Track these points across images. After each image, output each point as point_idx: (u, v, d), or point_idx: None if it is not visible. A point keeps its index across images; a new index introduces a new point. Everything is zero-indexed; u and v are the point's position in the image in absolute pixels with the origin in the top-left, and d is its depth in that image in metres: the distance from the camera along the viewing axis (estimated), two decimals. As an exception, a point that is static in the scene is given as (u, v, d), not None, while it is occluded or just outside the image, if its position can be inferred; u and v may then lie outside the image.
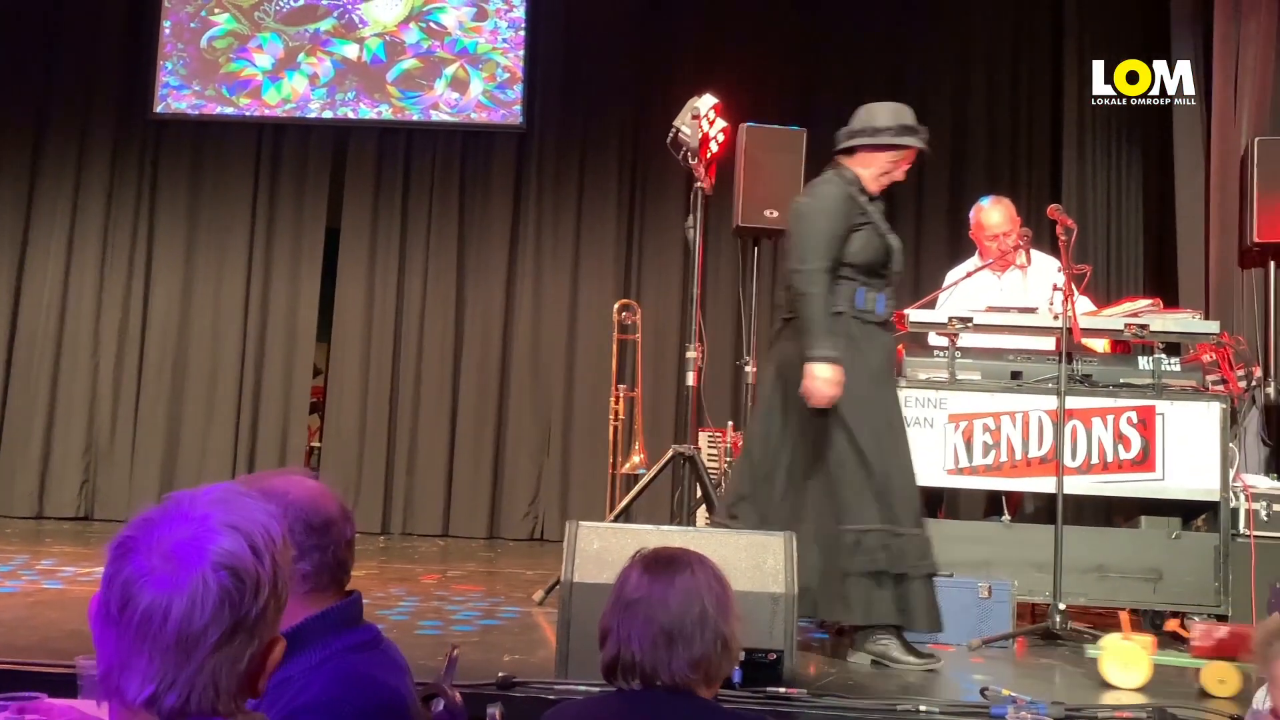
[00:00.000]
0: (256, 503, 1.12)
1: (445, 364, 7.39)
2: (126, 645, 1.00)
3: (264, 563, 1.07)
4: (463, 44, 7.55)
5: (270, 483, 1.75)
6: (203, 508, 1.08)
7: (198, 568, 1.01)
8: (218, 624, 1.01)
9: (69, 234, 7.49)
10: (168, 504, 1.08)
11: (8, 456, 7.31)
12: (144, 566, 1.01)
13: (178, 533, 1.04)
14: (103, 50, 7.59)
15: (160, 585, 0.99)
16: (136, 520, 1.07)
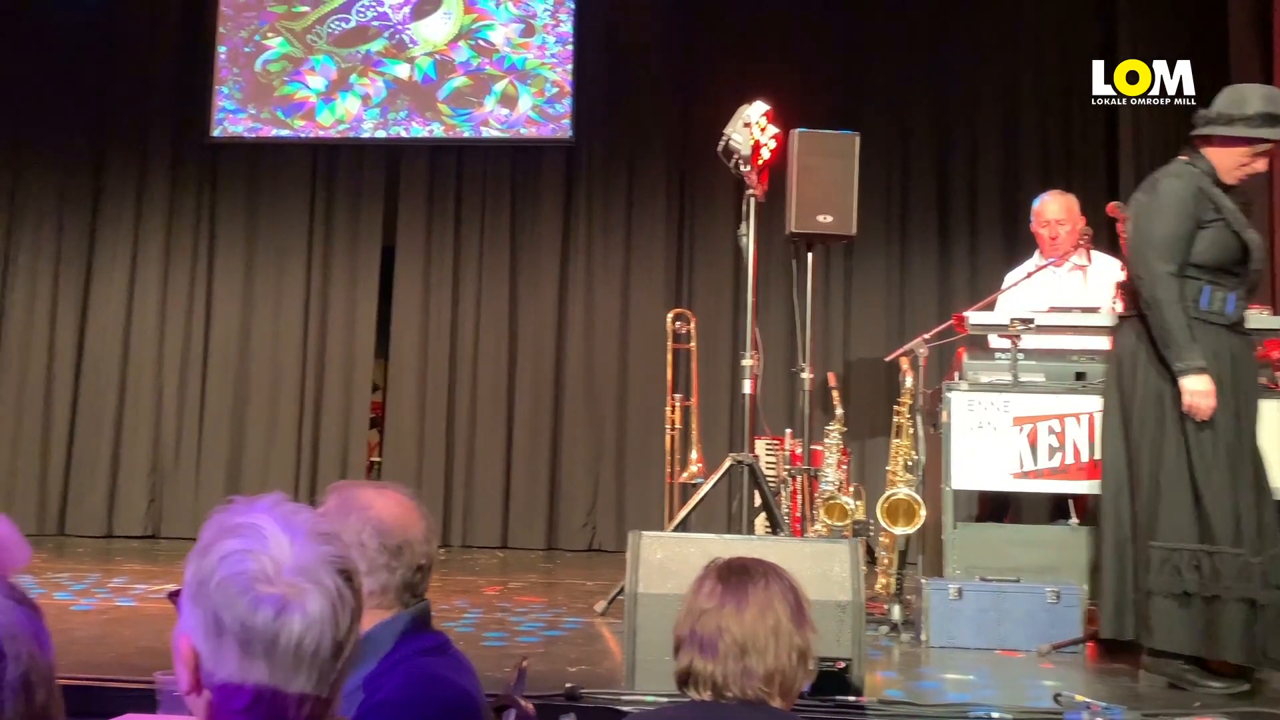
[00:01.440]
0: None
1: (500, 377, 7.44)
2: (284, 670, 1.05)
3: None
4: (511, 60, 7.62)
5: (360, 495, 1.78)
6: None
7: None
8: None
9: (131, 258, 7.65)
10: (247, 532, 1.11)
11: (77, 477, 7.47)
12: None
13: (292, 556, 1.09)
14: (160, 77, 7.75)
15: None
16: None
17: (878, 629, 4.09)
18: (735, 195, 7.14)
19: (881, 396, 6.70)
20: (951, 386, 4.19)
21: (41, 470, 7.45)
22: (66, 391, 7.54)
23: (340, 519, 1.78)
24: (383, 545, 1.76)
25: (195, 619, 1.08)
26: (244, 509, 1.14)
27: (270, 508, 1.13)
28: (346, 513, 1.78)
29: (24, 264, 7.67)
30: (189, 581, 1.11)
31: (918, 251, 7.26)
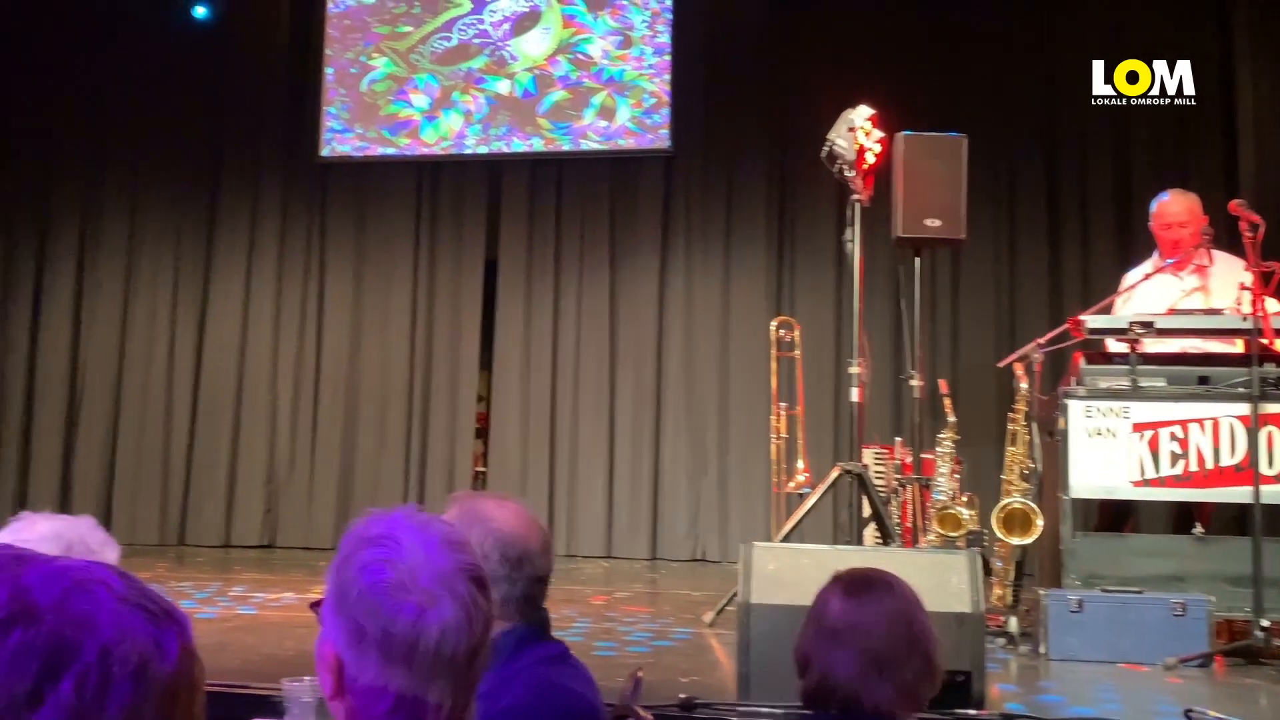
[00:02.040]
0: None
1: (601, 387, 7.48)
2: (422, 676, 1.07)
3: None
4: (609, 73, 7.67)
5: (482, 506, 1.80)
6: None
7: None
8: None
9: (246, 275, 7.90)
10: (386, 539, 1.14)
11: (196, 489, 7.72)
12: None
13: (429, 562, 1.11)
14: (270, 99, 7.98)
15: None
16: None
17: (994, 641, 3.99)
18: (836, 201, 7.07)
19: (992, 403, 6.56)
20: (1069, 393, 4.08)
21: (163, 482, 7.72)
22: (186, 406, 7.80)
23: (463, 530, 1.81)
24: (504, 557, 1.78)
25: (338, 627, 1.11)
26: (381, 520, 1.16)
27: (406, 518, 1.16)
28: (469, 524, 1.80)
29: (144, 281, 7.96)
30: (330, 591, 1.14)
31: (1027, 254, 7.09)
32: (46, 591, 0.69)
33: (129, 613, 0.70)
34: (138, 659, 0.69)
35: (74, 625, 0.68)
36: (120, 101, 8.00)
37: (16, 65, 8.01)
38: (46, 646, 0.67)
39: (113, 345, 7.90)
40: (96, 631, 0.68)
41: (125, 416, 7.84)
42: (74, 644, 0.67)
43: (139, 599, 0.71)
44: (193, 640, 0.74)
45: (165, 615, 0.72)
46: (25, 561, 0.73)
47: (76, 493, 7.72)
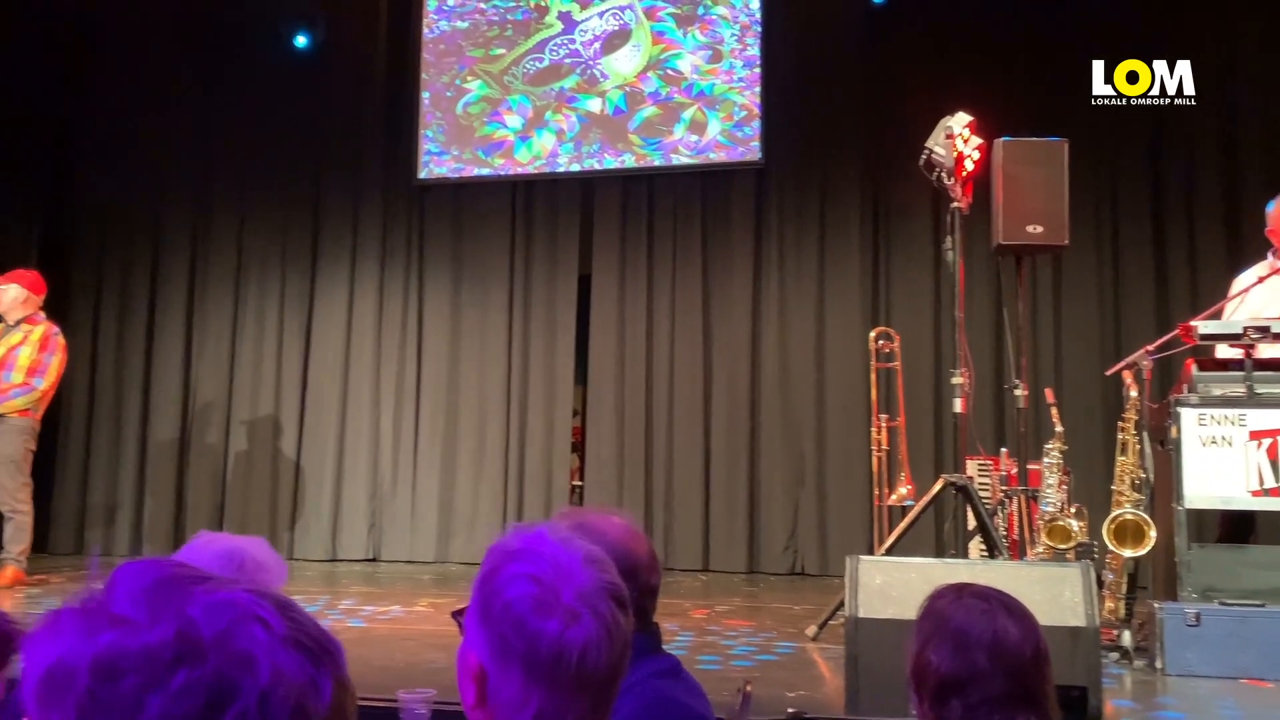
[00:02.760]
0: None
1: (696, 400, 7.49)
2: (564, 692, 1.10)
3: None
4: (700, 87, 7.70)
5: (590, 520, 1.83)
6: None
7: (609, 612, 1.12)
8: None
9: (348, 296, 8.09)
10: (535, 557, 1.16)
11: (303, 504, 7.93)
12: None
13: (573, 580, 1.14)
14: (368, 125, 8.18)
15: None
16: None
17: (1107, 656, 3.89)
18: (932, 209, 7.01)
19: (1098, 412, 6.42)
20: (1181, 400, 3.97)
21: (272, 499, 7.94)
22: (293, 424, 8.02)
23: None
24: (618, 570, 1.80)
25: (483, 639, 1.14)
26: (523, 535, 1.19)
27: (548, 534, 1.19)
28: (582, 538, 1.83)
29: (252, 304, 8.21)
30: (475, 603, 1.17)
31: (1131, 259, 6.92)
32: (210, 625, 0.70)
33: (287, 653, 0.71)
34: (295, 701, 0.69)
35: (235, 664, 0.69)
36: (227, 130, 8.27)
37: (130, 96, 8.35)
38: (209, 687, 0.68)
39: (223, 366, 8.16)
40: (256, 673, 0.69)
41: (235, 434, 8.09)
42: (235, 685, 0.68)
43: (297, 635, 0.72)
44: (345, 671, 0.75)
45: (321, 651, 0.73)
46: (191, 587, 0.74)
47: (190, 508, 7.98)
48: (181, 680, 0.68)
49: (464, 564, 7.48)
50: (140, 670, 0.68)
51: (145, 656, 0.69)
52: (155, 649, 0.69)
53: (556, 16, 7.97)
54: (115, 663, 0.69)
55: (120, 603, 0.74)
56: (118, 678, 0.68)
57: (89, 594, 0.76)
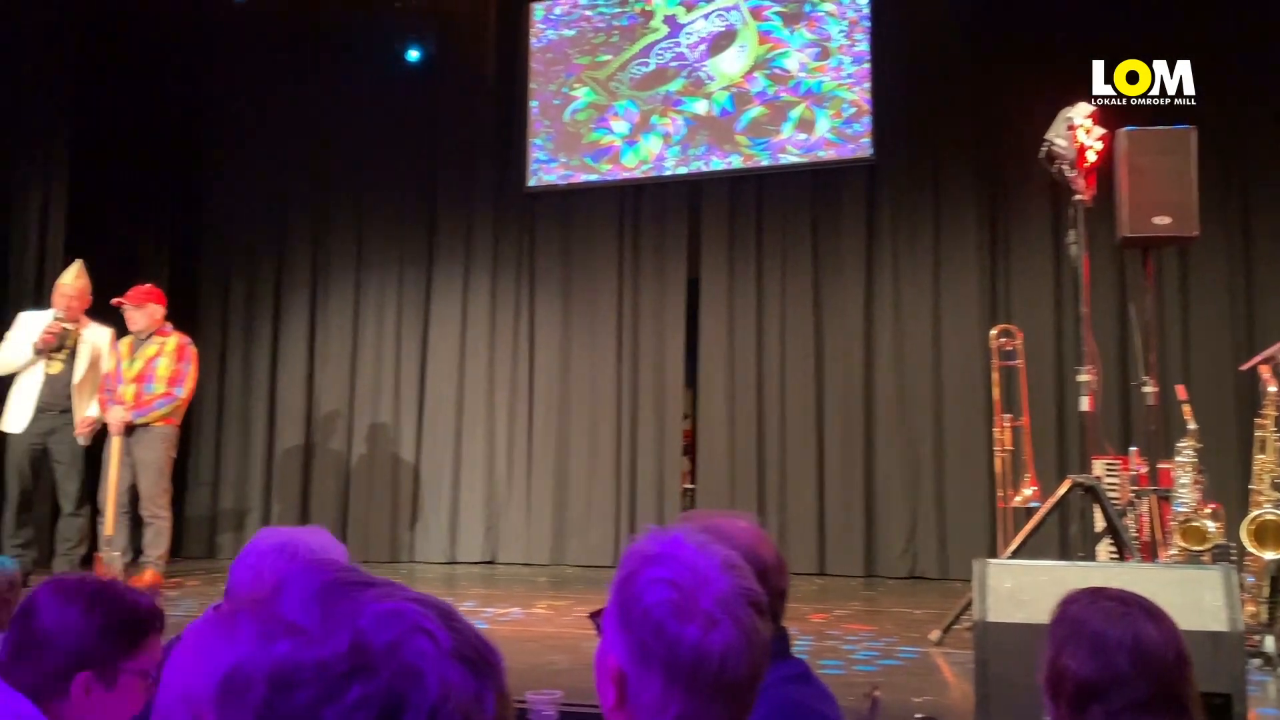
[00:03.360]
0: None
1: (808, 402, 7.42)
2: (703, 698, 1.10)
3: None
4: (807, 85, 7.64)
5: (718, 524, 1.83)
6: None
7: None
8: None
9: (462, 303, 8.24)
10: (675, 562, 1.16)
11: (422, 508, 8.10)
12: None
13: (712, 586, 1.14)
14: (479, 135, 8.32)
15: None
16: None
17: (1249, 662, 3.73)
18: (1051, 203, 6.83)
19: (1230, 409, 6.18)
20: (1325, 396, 3.78)
21: (392, 502, 8.13)
22: (411, 428, 8.20)
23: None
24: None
25: (622, 642, 1.15)
26: (660, 539, 1.19)
27: (685, 538, 1.19)
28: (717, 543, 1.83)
29: (371, 313, 8.42)
30: (614, 606, 1.17)
31: (1264, 250, 6.62)
32: (379, 636, 0.71)
33: (454, 666, 0.71)
34: (462, 716, 0.70)
35: (405, 678, 0.70)
36: (343, 147, 8.50)
37: (251, 116, 8.65)
38: (382, 702, 0.69)
39: (344, 375, 8.39)
40: (425, 687, 0.70)
41: (356, 440, 8.30)
42: (404, 699, 0.69)
43: (462, 648, 0.73)
44: (505, 683, 0.76)
45: (484, 664, 0.74)
46: (359, 594, 0.75)
47: (315, 512, 8.21)
48: (356, 695, 0.69)
49: (579, 567, 7.55)
50: (315, 683, 0.70)
51: (320, 669, 0.70)
52: (329, 662, 0.70)
53: (662, 20, 8.00)
54: (291, 675, 0.70)
55: (292, 608, 0.75)
56: (294, 690, 0.70)
57: (260, 599, 0.79)
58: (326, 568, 0.81)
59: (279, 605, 0.76)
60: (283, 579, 0.80)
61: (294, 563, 2.14)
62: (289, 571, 0.82)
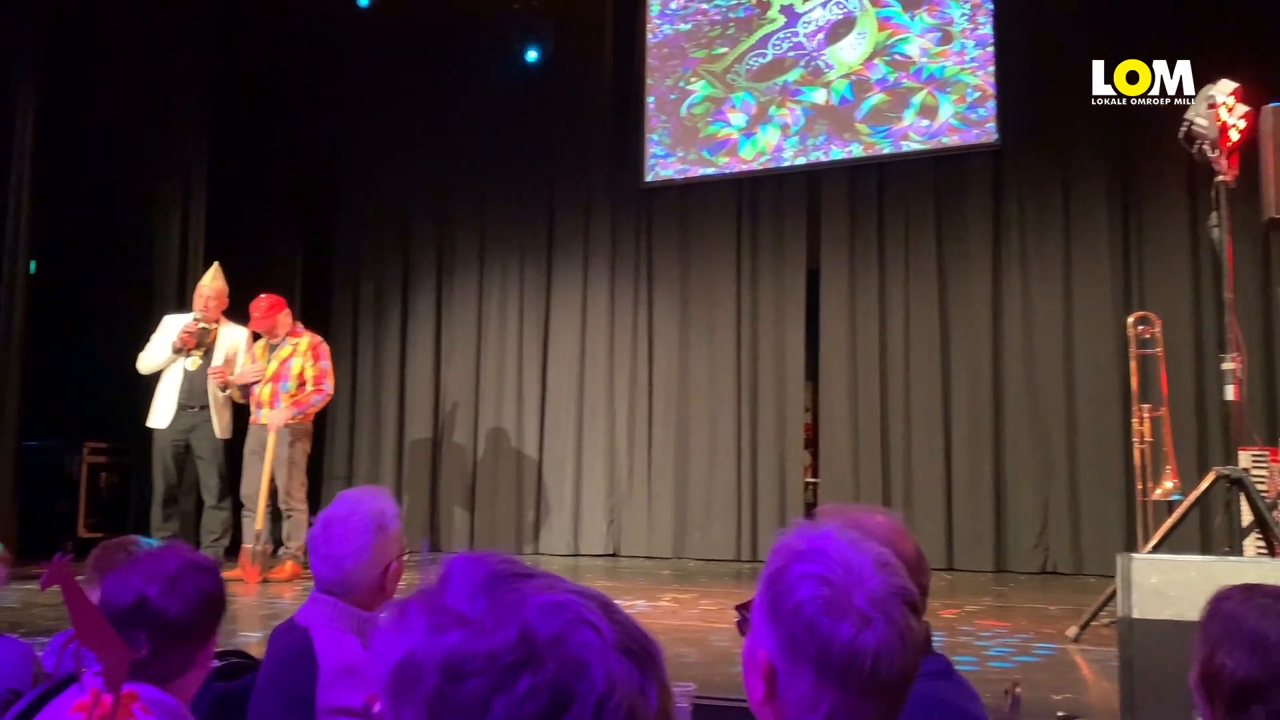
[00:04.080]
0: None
1: (934, 394, 7.28)
2: (855, 695, 1.10)
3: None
4: (929, 70, 7.49)
5: (858, 519, 1.81)
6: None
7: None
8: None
9: (581, 299, 8.32)
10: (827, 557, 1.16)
11: (545, 501, 8.21)
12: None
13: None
14: (596, 132, 8.39)
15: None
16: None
17: None
18: (1187, 184, 6.57)
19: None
20: None
21: (517, 495, 8.27)
22: (534, 422, 8.32)
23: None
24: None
25: (772, 636, 1.15)
26: (810, 533, 1.19)
27: (836, 534, 1.18)
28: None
29: (494, 309, 8.57)
30: (763, 600, 1.17)
31: None
32: (544, 627, 0.72)
33: (618, 659, 0.72)
34: (627, 708, 0.70)
35: (571, 670, 0.71)
36: (466, 144, 8.66)
37: (376, 120, 8.88)
38: (550, 692, 0.70)
39: (469, 370, 8.56)
40: (591, 679, 0.70)
41: (481, 434, 8.47)
42: (571, 690, 0.70)
43: (625, 641, 0.73)
44: (666, 675, 0.76)
45: (647, 656, 0.74)
46: (522, 585, 0.76)
47: (442, 504, 8.41)
48: (525, 686, 0.70)
49: (701, 560, 7.56)
50: (485, 673, 0.71)
51: (489, 659, 0.72)
52: (499, 652, 0.72)
53: (779, 10, 7.94)
54: (462, 664, 0.72)
55: (458, 599, 0.77)
56: (465, 679, 0.71)
57: (426, 588, 0.81)
58: (488, 559, 0.83)
59: (445, 596, 0.78)
60: (446, 572, 0.82)
61: (384, 534, 2.25)
62: (451, 563, 0.84)
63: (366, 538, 2.18)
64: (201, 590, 1.69)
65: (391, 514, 2.24)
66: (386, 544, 2.20)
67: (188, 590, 1.67)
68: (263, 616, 5.10)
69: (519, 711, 0.70)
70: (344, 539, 2.17)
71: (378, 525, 2.20)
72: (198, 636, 1.69)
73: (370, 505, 2.23)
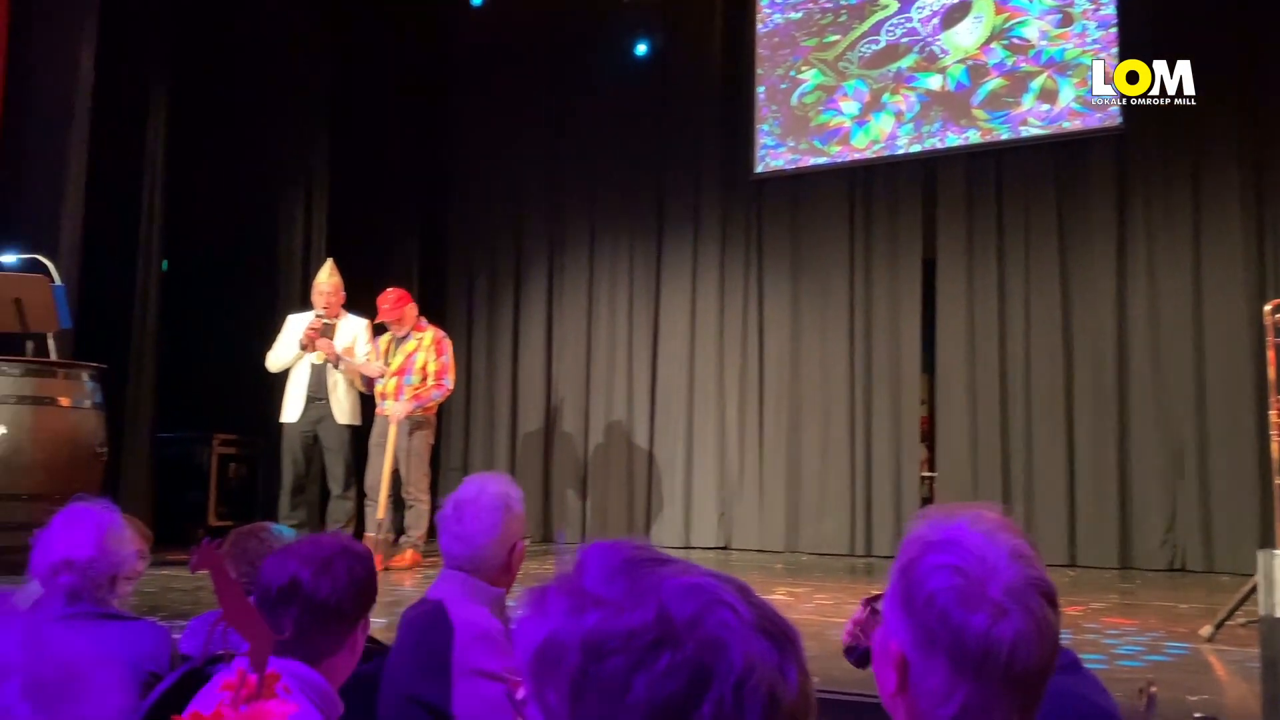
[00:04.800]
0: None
1: (1055, 385, 7.09)
2: (991, 688, 1.08)
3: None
4: (1049, 54, 7.28)
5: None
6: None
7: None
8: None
9: (691, 291, 8.33)
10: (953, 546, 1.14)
11: (657, 493, 8.25)
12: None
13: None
14: (706, 124, 8.37)
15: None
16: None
17: None
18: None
19: None
20: None
21: (628, 487, 8.31)
22: (644, 415, 8.36)
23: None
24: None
25: (905, 627, 1.13)
26: (944, 525, 1.17)
27: (970, 524, 1.16)
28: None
29: (604, 303, 8.63)
30: (896, 591, 1.16)
31: None
32: (682, 609, 0.73)
33: (756, 639, 0.72)
34: (767, 688, 0.71)
35: (710, 649, 0.71)
36: (576, 138, 8.75)
37: (490, 116, 9.02)
38: (690, 670, 0.71)
39: (579, 363, 8.64)
40: (729, 659, 0.71)
41: (593, 427, 8.54)
42: (711, 670, 0.71)
43: (762, 622, 0.74)
44: (805, 658, 0.76)
45: (785, 638, 0.74)
46: (658, 569, 0.77)
47: (555, 496, 8.51)
48: (665, 663, 0.71)
49: (814, 554, 7.50)
50: (625, 651, 0.72)
51: (629, 638, 0.73)
52: (637, 631, 0.73)
53: (892, -4, 7.81)
54: (603, 643, 0.73)
55: (596, 582, 0.79)
56: (605, 657, 0.73)
57: (564, 574, 0.82)
58: (624, 545, 0.84)
59: (583, 580, 0.79)
60: (582, 557, 0.83)
61: (510, 514, 2.34)
62: (588, 549, 0.85)
63: (496, 516, 2.28)
64: (353, 575, 1.76)
65: (516, 496, 2.35)
66: (513, 524, 2.30)
67: (339, 574, 1.73)
68: (386, 603, 5.22)
69: (660, 690, 0.71)
70: (474, 518, 2.27)
71: (505, 505, 2.30)
72: (347, 619, 1.75)
73: (497, 487, 2.34)
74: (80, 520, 2.27)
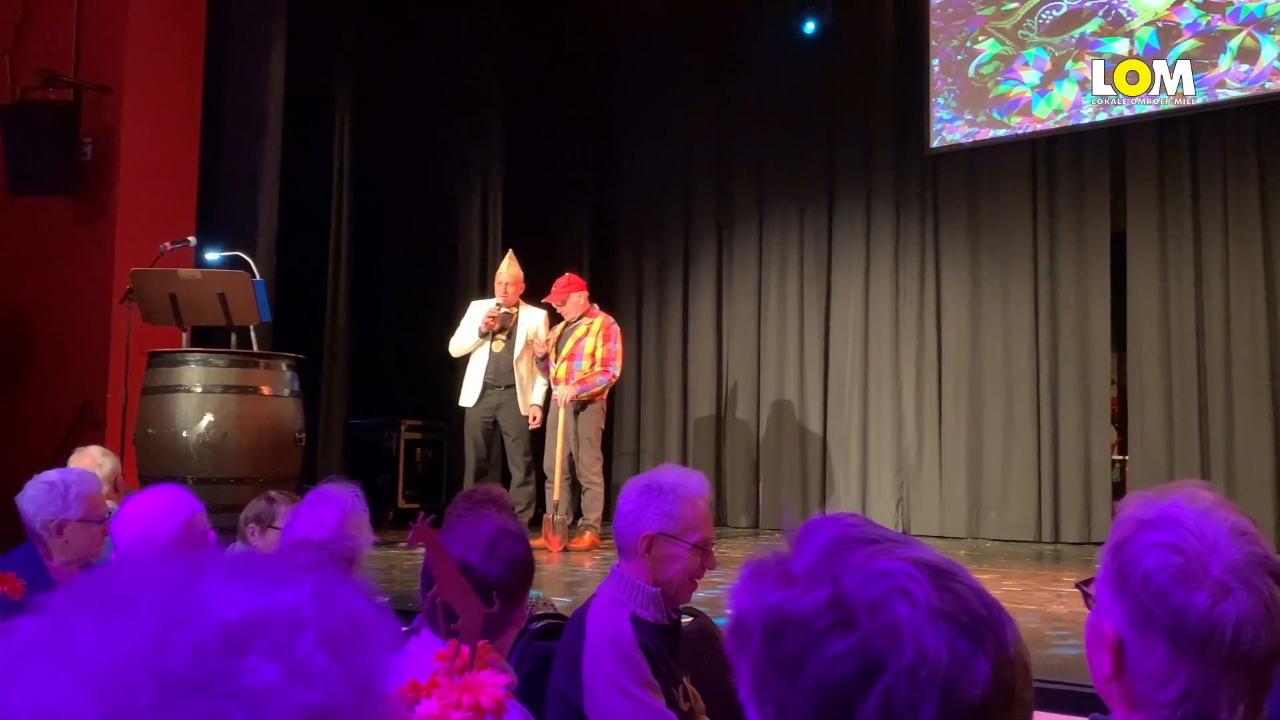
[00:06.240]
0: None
1: (1259, 363, 6.66)
2: (1215, 669, 1.04)
3: None
4: (1248, 10, 6.83)
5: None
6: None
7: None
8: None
9: (864, 271, 8.18)
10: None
11: (832, 478, 8.15)
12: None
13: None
14: (877, 99, 8.19)
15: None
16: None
17: None
18: None
19: None
20: None
21: (801, 471, 8.25)
22: (817, 398, 8.27)
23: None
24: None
25: (1120, 608, 1.10)
26: (1159, 503, 1.13)
27: (1187, 502, 1.12)
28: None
29: (774, 285, 8.55)
30: (1109, 572, 1.13)
31: None
32: (862, 593, 0.72)
33: (937, 627, 0.70)
34: (944, 678, 0.69)
35: (883, 636, 0.70)
36: (744, 122, 8.70)
37: (658, 95, 9.06)
38: (861, 657, 0.70)
39: (750, 346, 8.61)
40: (902, 647, 0.69)
41: (765, 411, 8.50)
42: (883, 657, 0.69)
43: (951, 608, 0.71)
44: (1012, 649, 0.72)
45: (979, 626, 0.71)
46: (856, 551, 0.76)
47: (728, 481, 8.52)
48: (837, 649, 0.71)
49: (998, 541, 7.28)
50: (798, 634, 0.73)
51: (802, 620, 0.73)
52: (811, 614, 0.73)
53: (1073, -41, 7.46)
54: (780, 625, 0.74)
55: (796, 560, 0.79)
56: (782, 639, 0.73)
57: (778, 549, 0.83)
58: (842, 522, 0.83)
59: (789, 557, 0.80)
60: (801, 532, 0.83)
61: (660, 496, 2.38)
62: (807, 525, 0.85)
63: (632, 500, 2.36)
64: (515, 554, 1.81)
65: (668, 483, 2.35)
66: (649, 508, 2.33)
67: (504, 554, 1.79)
68: (567, 584, 5.36)
69: (829, 674, 0.71)
70: (624, 499, 2.37)
71: (645, 487, 2.36)
72: (515, 597, 1.81)
73: (655, 472, 2.42)
74: (324, 502, 2.42)
